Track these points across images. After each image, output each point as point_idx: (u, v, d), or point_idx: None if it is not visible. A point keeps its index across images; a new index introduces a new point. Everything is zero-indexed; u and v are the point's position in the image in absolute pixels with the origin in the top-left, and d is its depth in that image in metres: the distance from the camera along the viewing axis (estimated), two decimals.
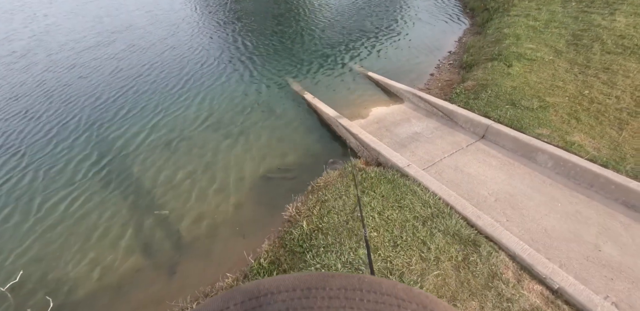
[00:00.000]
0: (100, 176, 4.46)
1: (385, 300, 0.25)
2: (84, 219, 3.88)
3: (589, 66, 4.75)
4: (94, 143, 5.10)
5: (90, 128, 5.45)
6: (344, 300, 0.25)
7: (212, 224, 3.72)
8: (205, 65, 7.21)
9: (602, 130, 3.68)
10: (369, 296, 0.25)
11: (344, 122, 4.44)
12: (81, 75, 7.28)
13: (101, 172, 4.53)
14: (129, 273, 3.34)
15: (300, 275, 0.28)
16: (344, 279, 0.27)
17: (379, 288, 0.26)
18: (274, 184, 4.08)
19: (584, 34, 5.51)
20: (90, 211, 3.97)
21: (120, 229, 3.75)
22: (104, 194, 4.17)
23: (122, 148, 4.93)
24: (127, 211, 3.96)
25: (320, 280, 0.27)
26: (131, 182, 4.33)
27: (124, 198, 4.12)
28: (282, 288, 0.26)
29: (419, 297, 0.26)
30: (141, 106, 5.89)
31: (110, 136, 5.20)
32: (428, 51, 7.16)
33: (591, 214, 2.90)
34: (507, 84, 4.69)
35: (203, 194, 4.07)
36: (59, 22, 11.60)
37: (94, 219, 3.88)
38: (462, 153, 3.84)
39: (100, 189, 4.25)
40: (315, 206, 3.14)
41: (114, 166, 4.60)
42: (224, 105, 5.71)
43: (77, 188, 4.30)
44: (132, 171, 4.50)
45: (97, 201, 4.10)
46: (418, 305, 0.25)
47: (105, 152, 4.88)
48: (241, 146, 4.71)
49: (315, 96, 5.48)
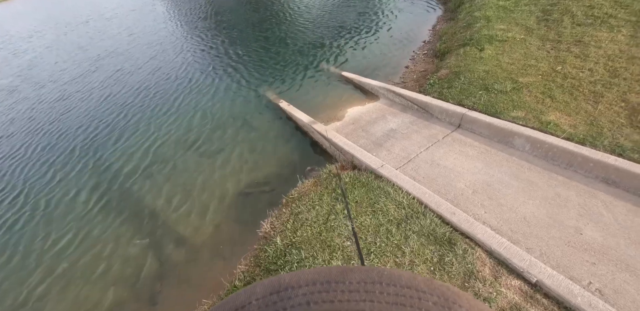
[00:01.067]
0: (78, 210, 4.48)
1: (405, 293, 0.25)
2: (62, 256, 3.90)
3: (561, 41, 4.65)
4: (68, 178, 5.14)
5: (63, 168, 5.49)
6: (363, 293, 0.25)
7: (192, 248, 3.70)
8: (182, 83, 7.23)
9: (577, 105, 3.59)
10: (389, 289, 0.25)
11: (318, 128, 4.41)
12: (68, 107, 7.34)
13: (76, 205, 4.55)
14: (110, 308, 3.33)
15: (320, 269, 0.28)
16: (363, 272, 0.27)
17: (399, 280, 0.26)
18: (252, 200, 4.06)
19: (554, 9, 5.42)
20: (69, 246, 3.98)
21: (100, 263, 3.74)
22: (83, 229, 4.19)
23: (98, 179, 4.95)
24: (108, 243, 3.96)
25: (340, 273, 0.27)
26: (110, 213, 4.34)
27: (103, 231, 4.12)
28: (302, 282, 0.26)
29: (440, 289, 0.26)
30: (120, 134, 5.93)
31: (86, 168, 5.24)
32: (402, 43, 7.11)
33: (571, 195, 2.82)
34: (480, 68, 4.62)
35: (183, 218, 4.05)
36: (41, 55, 11.77)
37: (74, 255, 3.90)
38: (438, 146, 3.78)
39: (80, 224, 4.27)
40: (289, 220, 3.11)
41: (90, 198, 4.62)
42: (201, 123, 5.71)
43: (57, 226, 4.33)
44: (111, 203, 4.51)
45: (77, 236, 4.11)
46: (439, 297, 0.25)
47: (82, 184, 4.91)
48: (220, 165, 4.69)
49: (290, 102, 5.46)
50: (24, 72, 10.38)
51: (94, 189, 4.78)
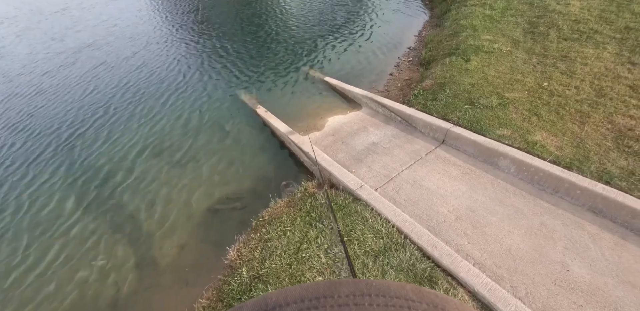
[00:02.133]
0: (30, 224, 4.05)
1: (395, 303, 0.25)
2: (14, 282, 3.49)
3: (547, 55, 4.50)
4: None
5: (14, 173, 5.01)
6: (353, 306, 0.24)
7: (154, 272, 3.34)
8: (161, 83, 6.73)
9: (563, 126, 3.42)
10: (379, 300, 0.25)
11: (295, 139, 4.10)
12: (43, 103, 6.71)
13: (27, 218, 4.12)
14: None
15: (308, 285, 0.27)
16: (351, 285, 0.26)
17: (388, 291, 0.26)
18: (222, 217, 3.72)
19: (540, 21, 5.27)
20: (23, 271, 3.56)
21: (50, 287, 3.34)
22: (29, 246, 3.77)
23: (55, 189, 4.51)
24: (60, 263, 3.55)
25: (328, 288, 0.26)
26: (65, 229, 3.92)
27: (54, 249, 3.71)
28: (290, 299, 0.25)
29: (428, 296, 0.26)
30: (91, 136, 5.46)
31: (43, 174, 4.77)
32: (388, 49, 6.86)
33: (557, 225, 2.64)
34: (466, 81, 4.42)
35: (146, 237, 3.68)
36: (12, 44, 10.90)
37: (26, 280, 3.48)
38: (421, 164, 3.55)
39: (28, 238, 3.85)
40: (257, 247, 2.81)
41: (45, 216, 4.18)
42: (174, 128, 5.30)
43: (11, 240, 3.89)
44: (70, 217, 4.08)
45: (30, 258, 3.69)
46: (428, 304, 0.25)
47: (36, 194, 4.46)
48: (189, 176, 4.32)
49: (268, 109, 5.12)
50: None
51: (48, 198, 4.34)
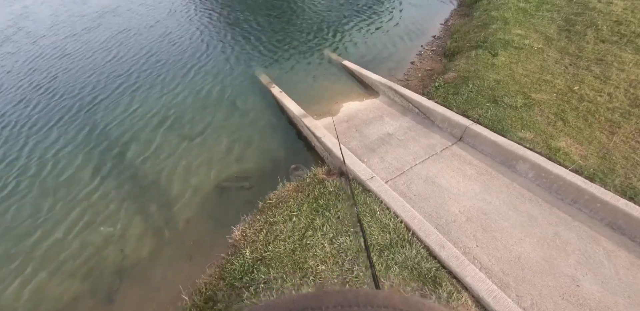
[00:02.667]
0: (42, 186, 4.00)
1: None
2: (25, 239, 3.47)
3: (581, 57, 4.21)
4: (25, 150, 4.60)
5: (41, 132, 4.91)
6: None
7: (158, 243, 3.31)
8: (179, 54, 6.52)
9: (591, 134, 3.23)
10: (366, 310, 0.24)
11: (308, 123, 3.93)
12: (68, 67, 6.62)
13: (44, 182, 4.07)
14: (67, 301, 2.96)
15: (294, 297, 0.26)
16: (339, 295, 0.26)
17: (375, 300, 0.25)
18: (230, 196, 3.64)
19: (578, 19, 4.91)
20: (33, 230, 3.55)
21: (62, 250, 3.34)
22: (48, 209, 3.74)
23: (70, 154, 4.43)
24: (72, 227, 3.53)
25: (314, 299, 0.25)
26: (77, 194, 3.87)
27: (67, 213, 3.67)
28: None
29: (416, 305, 0.25)
30: (111, 102, 5.34)
31: (67, 138, 4.69)
32: (411, 36, 6.50)
33: (572, 238, 2.52)
34: (491, 77, 4.17)
35: (152, 208, 3.62)
36: (35, 5, 10.54)
37: (34, 238, 3.47)
38: (435, 160, 3.40)
39: (42, 202, 3.81)
40: (262, 230, 2.72)
41: (56, 176, 4.12)
42: (186, 101, 5.13)
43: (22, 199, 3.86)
44: (80, 181, 4.02)
45: (36, 219, 3.66)
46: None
47: (56, 158, 4.39)
48: (198, 150, 4.21)
49: (283, 89, 4.91)
50: (21, 22, 9.27)
51: (68, 163, 4.28)
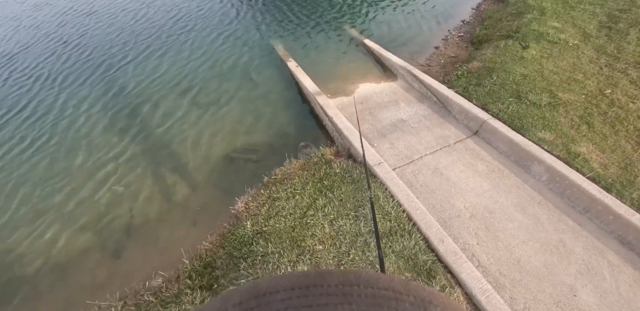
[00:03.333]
0: (55, 146, 3.94)
1: (382, 294, 0.24)
2: (42, 192, 3.47)
3: (619, 58, 3.89)
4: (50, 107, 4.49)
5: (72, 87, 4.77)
6: (342, 296, 0.24)
7: (165, 206, 3.28)
8: (200, 20, 6.21)
9: (615, 142, 3.03)
10: (367, 291, 0.24)
11: (321, 101, 3.75)
12: (95, 24, 6.48)
13: (61, 142, 4.00)
14: (77, 253, 3.01)
15: (298, 273, 0.26)
16: (341, 275, 0.26)
17: (376, 282, 0.25)
18: (237, 167, 3.54)
19: (622, 16, 4.51)
20: (48, 184, 3.53)
21: (75, 204, 3.35)
22: (62, 166, 3.69)
23: (84, 111, 4.33)
24: (85, 184, 3.51)
25: (318, 277, 0.26)
26: (91, 150, 3.82)
27: (83, 168, 3.65)
28: (280, 287, 0.25)
29: (416, 290, 0.25)
30: (133, 62, 5.16)
31: (85, 93, 4.57)
32: (439, 19, 6.06)
33: (577, 247, 2.42)
34: (518, 70, 3.89)
35: (162, 171, 3.57)
36: None
37: (46, 190, 3.47)
38: (447, 151, 3.24)
39: (58, 159, 3.77)
40: (265, 205, 2.64)
41: (73, 136, 4.04)
42: (203, 67, 4.92)
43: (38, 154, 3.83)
44: (92, 137, 3.96)
45: (55, 172, 3.64)
46: (415, 297, 0.25)
47: (68, 119, 4.30)
48: (211, 119, 4.08)
49: (299, 63, 4.65)
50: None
51: (87, 123, 4.21)
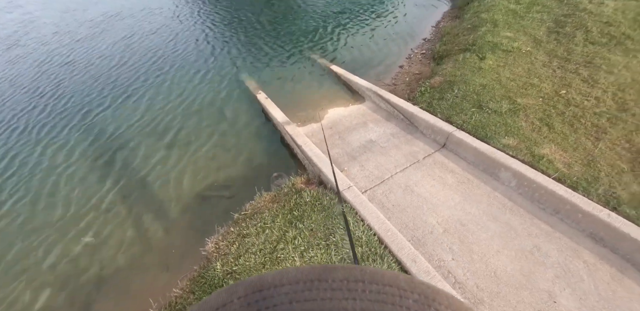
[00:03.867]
0: (29, 203, 3.97)
1: (387, 291, 0.25)
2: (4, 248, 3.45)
3: (570, 59, 4.09)
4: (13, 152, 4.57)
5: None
6: (346, 292, 0.24)
7: (137, 253, 3.24)
8: (173, 56, 6.49)
9: (576, 140, 3.11)
10: (371, 287, 0.25)
11: (290, 130, 3.86)
12: (71, 74, 6.59)
13: (35, 198, 4.03)
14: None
15: (303, 268, 0.27)
16: (346, 271, 0.26)
17: (381, 278, 0.26)
18: (210, 204, 3.57)
19: (568, 20, 4.78)
20: (14, 238, 3.52)
21: (40, 259, 3.30)
22: (39, 222, 3.70)
23: (60, 162, 4.40)
24: (51, 238, 3.48)
25: (322, 272, 0.26)
26: (56, 202, 3.83)
27: (46, 222, 3.63)
28: (285, 281, 0.26)
29: (420, 287, 0.26)
30: (81, 110, 5.30)
31: (37, 144, 4.66)
32: (403, 38, 6.39)
33: (551, 250, 2.41)
34: (477, 81, 4.06)
35: (133, 217, 3.56)
36: (38, 11, 10.53)
37: (14, 249, 3.44)
38: (416, 167, 3.30)
39: (34, 214, 3.78)
40: (235, 242, 2.65)
41: (36, 183, 4.09)
42: (178, 108, 5.06)
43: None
44: (58, 189, 3.99)
45: (16, 228, 3.63)
46: (420, 294, 0.25)
47: (28, 165, 4.36)
48: (183, 159, 4.14)
49: (269, 95, 4.83)
50: (25, 27, 9.25)
51: (50, 168, 4.25)
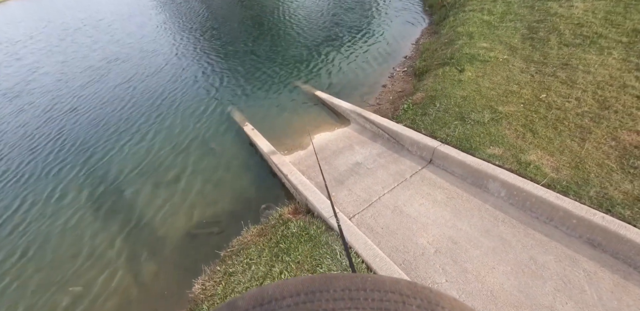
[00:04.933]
0: (9, 244, 4.03)
1: (389, 298, 0.25)
2: None
3: (546, 63, 4.21)
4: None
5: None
6: (348, 301, 0.24)
7: (125, 300, 3.23)
8: (145, 99, 6.81)
9: (561, 143, 3.13)
10: (373, 295, 0.25)
11: (276, 160, 3.95)
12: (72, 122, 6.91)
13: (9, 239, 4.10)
14: None
15: (304, 278, 0.27)
16: (347, 280, 0.27)
17: (383, 286, 0.26)
18: (199, 243, 3.59)
19: (540, 26, 4.98)
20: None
21: None
22: (11, 269, 3.74)
23: (31, 205, 4.51)
24: (37, 288, 3.51)
25: (323, 282, 0.26)
26: (45, 252, 3.88)
27: (35, 272, 3.67)
28: (286, 293, 0.26)
29: (423, 292, 0.26)
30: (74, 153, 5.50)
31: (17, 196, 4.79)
32: (383, 58, 6.68)
33: (549, 261, 2.35)
34: (458, 93, 4.17)
35: (121, 262, 3.59)
36: (38, 64, 11.16)
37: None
38: (404, 186, 3.32)
39: (5, 263, 3.82)
40: (221, 282, 2.64)
41: (22, 232, 4.17)
42: (161, 147, 5.25)
43: None
44: (48, 237, 4.05)
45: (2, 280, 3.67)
46: (423, 300, 0.25)
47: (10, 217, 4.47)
48: (172, 197, 4.23)
49: (255, 126, 5.00)
50: (31, 77, 9.78)
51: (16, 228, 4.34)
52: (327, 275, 0.28)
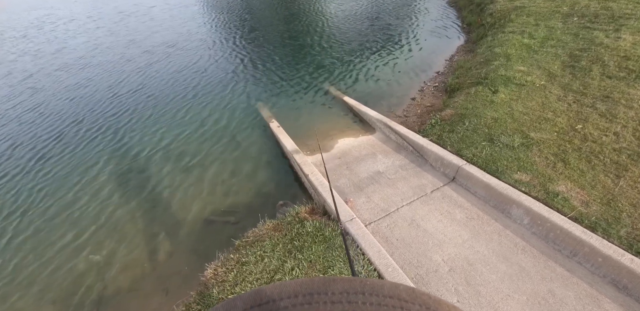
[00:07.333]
0: (39, 211, 4.11)
1: (387, 302, 0.24)
2: (14, 265, 3.53)
3: (586, 94, 3.98)
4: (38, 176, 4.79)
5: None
6: (346, 304, 0.24)
7: (139, 275, 3.25)
8: (183, 87, 6.86)
9: (594, 177, 2.93)
10: (372, 299, 0.24)
11: (299, 159, 3.88)
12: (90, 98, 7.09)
13: (43, 207, 4.18)
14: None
15: (302, 280, 0.26)
16: (346, 283, 0.26)
17: (381, 290, 0.25)
18: (215, 230, 3.56)
19: (583, 55, 4.73)
20: (22, 254, 3.61)
21: (49, 273, 3.36)
22: (39, 233, 3.81)
23: (67, 180, 4.58)
24: (60, 253, 3.57)
25: (322, 284, 0.25)
26: (72, 220, 3.94)
27: (60, 237, 3.73)
28: (284, 294, 0.25)
29: (421, 298, 0.25)
30: (107, 135, 5.58)
31: (57, 168, 4.88)
32: (415, 72, 6.53)
33: (568, 297, 2.19)
34: (489, 114, 4.00)
35: (140, 238, 3.62)
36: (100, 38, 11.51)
37: (23, 262, 3.52)
38: (423, 201, 3.19)
39: (36, 228, 3.89)
40: (233, 269, 2.59)
41: (52, 201, 4.24)
42: (190, 134, 5.27)
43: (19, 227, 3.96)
44: (75, 207, 4.11)
45: (31, 242, 3.73)
46: (421, 306, 0.24)
47: (51, 185, 4.55)
48: (194, 182, 4.24)
49: (282, 123, 4.96)
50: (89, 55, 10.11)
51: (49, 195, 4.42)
52: (327, 277, 0.26)
